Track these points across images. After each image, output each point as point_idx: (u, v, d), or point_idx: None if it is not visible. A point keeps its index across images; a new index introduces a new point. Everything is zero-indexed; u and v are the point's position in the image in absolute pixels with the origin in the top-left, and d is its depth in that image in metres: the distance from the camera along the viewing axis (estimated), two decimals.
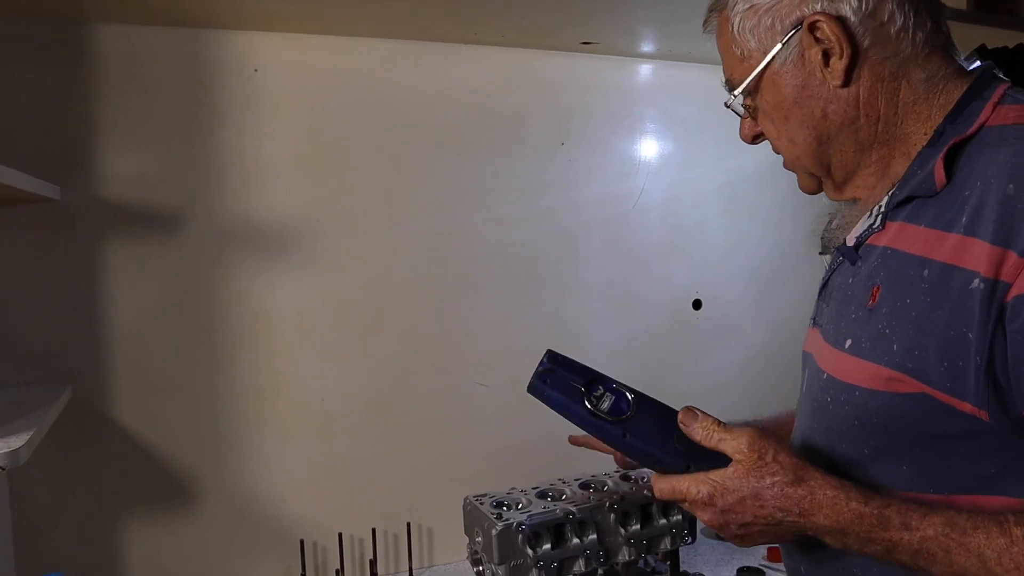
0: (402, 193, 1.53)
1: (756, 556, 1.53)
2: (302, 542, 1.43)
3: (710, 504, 0.75)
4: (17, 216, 1.27)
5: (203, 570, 1.41)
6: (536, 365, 0.87)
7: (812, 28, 0.75)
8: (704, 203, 1.82)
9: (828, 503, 0.71)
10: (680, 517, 1.28)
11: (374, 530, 1.48)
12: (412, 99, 1.52)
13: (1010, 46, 1.52)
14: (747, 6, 0.79)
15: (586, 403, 0.83)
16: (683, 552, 1.38)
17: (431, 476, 1.56)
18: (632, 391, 0.84)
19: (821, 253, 0.90)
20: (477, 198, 1.59)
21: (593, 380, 0.85)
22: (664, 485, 0.79)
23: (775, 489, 0.72)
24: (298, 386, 1.46)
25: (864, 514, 0.69)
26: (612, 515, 1.23)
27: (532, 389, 0.86)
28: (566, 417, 0.84)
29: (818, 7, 0.75)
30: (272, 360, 1.44)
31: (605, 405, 0.83)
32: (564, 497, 1.28)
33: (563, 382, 0.85)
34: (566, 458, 1.37)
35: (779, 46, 0.77)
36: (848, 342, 0.76)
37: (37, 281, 1.29)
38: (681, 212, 1.79)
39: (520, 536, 1.16)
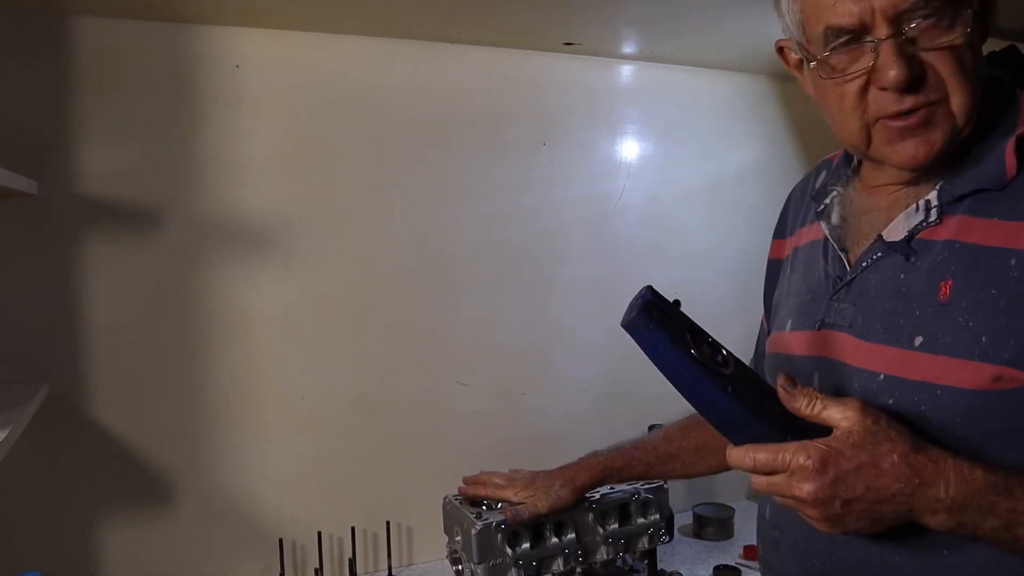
0: (384, 191, 1.52)
1: (732, 555, 1.55)
2: (281, 541, 1.42)
3: (822, 472, 0.66)
4: None
5: (182, 568, 1.40)
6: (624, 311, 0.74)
7: None
8: (684, 204, 1.83)
9: (951, 471, 0.66)
10: (658, 516, 1.29)
11: (353, 529, 1.48)
12: (395, 97, 1.52)
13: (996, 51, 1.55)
14: None
15: (691, 349, 0.70)
16: (660, 551, 1.39)
17: (411, 475, 1.56)
18: (729, 351, 0.73)
19: (841, 250, 0.83)
20: (460, 197, 1.59)
21: (694, 328, 0.72)
22: (761, 455, 0.69)
23: (894, 456, 0.66)
24: (279, 384, 1.46)
25: (990, 481, 0.66)
26: (591, 514, 1.24)
27: (632, 324, 0.71)
28: (661, 361, 0.71)
29: None
30: (252, 358, 1.43)
31: (708, 356, 0.70)
32: None
33: (668, 321, 0.70)
34: (546, 457, 1.38)
35: None
36: (919, 339, 0.73)
37: (13, 277, 1.28)
38: (662, 212, 1.80)
39: (499, 535, 1.17)
